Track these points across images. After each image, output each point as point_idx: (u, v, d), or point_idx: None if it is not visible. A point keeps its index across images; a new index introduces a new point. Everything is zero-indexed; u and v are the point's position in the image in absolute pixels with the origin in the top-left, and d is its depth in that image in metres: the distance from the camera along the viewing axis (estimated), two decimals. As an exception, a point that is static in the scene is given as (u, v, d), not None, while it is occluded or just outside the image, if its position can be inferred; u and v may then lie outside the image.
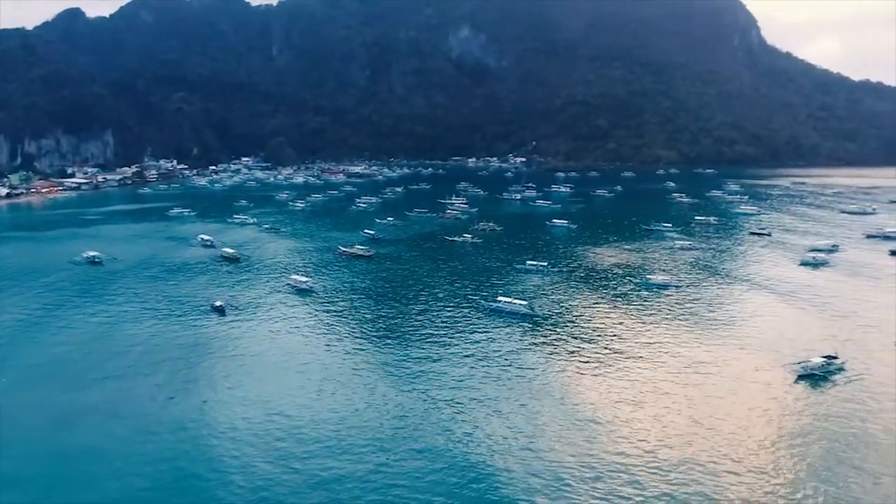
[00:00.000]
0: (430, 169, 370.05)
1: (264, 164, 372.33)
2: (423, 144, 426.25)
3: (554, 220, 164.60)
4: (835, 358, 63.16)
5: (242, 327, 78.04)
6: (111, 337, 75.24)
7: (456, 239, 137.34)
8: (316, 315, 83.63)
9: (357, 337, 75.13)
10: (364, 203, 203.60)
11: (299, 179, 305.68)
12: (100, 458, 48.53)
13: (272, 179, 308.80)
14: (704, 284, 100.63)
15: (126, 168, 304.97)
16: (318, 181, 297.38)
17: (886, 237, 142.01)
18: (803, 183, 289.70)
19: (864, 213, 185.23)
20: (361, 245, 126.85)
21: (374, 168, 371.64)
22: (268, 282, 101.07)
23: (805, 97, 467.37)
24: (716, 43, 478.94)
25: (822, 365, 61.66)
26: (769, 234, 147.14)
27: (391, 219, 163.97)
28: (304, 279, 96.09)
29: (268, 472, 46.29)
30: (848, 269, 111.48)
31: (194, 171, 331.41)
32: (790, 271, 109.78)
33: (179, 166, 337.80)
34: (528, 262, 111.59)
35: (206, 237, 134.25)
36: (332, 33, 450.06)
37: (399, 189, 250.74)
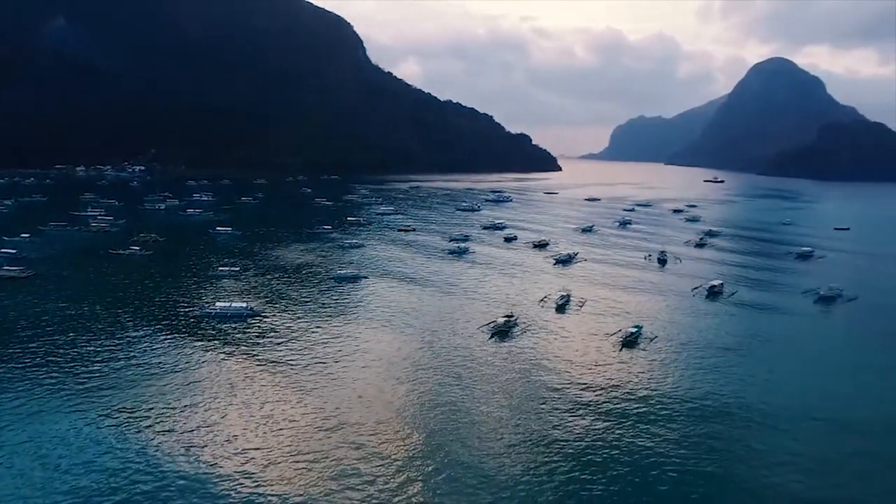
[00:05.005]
0: (31, 179, 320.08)
1: None
2: (14, 149, 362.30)
3: (217, 228, 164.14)
4: (511, 317, 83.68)
5: None
6: None
7: (122, 252, 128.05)
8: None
9: (51, 372, 65.48)
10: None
11: None
12: None
13: None
14: (383, 277, 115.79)
15: None
16: None
17: (496, 227, 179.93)
18: (418, 187, 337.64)
19: (474, 210, 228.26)
20: (9, 266, 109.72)
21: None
22: None
23: (406, 112, 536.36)
24: (332, 59, 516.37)
25: (505, 322, 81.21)
26: (414, 230, 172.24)
27: (26, 235, 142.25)
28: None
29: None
30: (482, 254, 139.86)
31: None
32: (442, 261, 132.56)
33: None
34: (220, 268, 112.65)
35: None
36: None
37: (8, 202, 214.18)
